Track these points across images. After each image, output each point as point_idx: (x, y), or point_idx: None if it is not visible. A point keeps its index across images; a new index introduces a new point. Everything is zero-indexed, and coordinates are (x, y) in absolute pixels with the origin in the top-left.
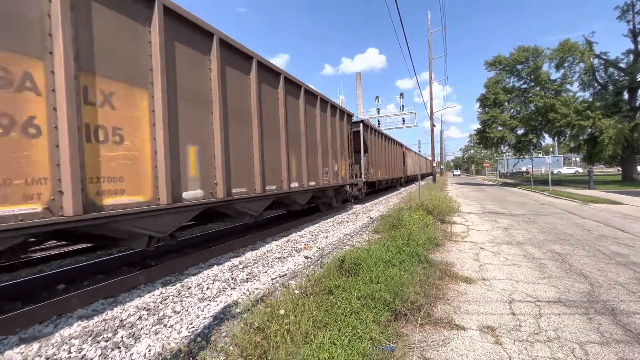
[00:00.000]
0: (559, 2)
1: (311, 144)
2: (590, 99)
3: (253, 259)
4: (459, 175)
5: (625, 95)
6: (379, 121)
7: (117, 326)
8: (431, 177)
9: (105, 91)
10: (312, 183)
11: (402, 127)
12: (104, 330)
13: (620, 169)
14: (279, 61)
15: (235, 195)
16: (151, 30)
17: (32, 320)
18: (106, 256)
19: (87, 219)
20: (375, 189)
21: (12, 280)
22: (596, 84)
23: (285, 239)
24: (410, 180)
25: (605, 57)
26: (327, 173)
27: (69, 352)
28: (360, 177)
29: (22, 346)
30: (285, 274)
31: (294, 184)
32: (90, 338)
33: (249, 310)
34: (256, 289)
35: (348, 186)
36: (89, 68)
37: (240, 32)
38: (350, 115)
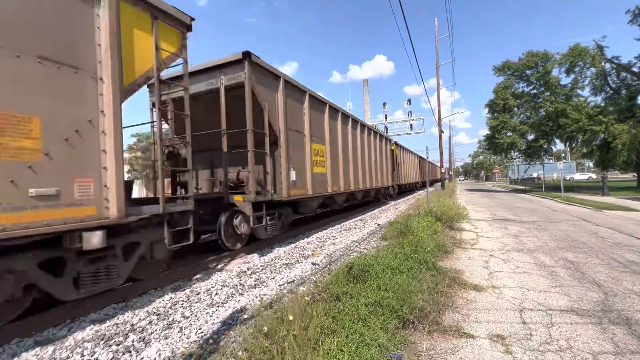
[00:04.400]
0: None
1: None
2: (603, 104)
3: (261, 265)
4: (463, 180)
5: (639, 100)
6: (386, 127)
7: (128, 330)
8: (439, 183)
9: None
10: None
11: (409, 134)
12: (116, 334)
13: (635, 174)
14: (288, 69)
15: None
16: None
17: (47, 323)
18: None
19: None
20: (310, 213)
21: None
22: (608, 89)
23: (292, 245)
24: (407, 190)
25: (617, 62)
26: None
27: (82, 355)
28: (256, 191)
29: (38, 349)
30: (293, 281)
31: None
32: (103, 342)
33: (257, 315)
34: (264, 295)
35: (165, 221)
36: None
37: (251, 41)
38: (165, 13)
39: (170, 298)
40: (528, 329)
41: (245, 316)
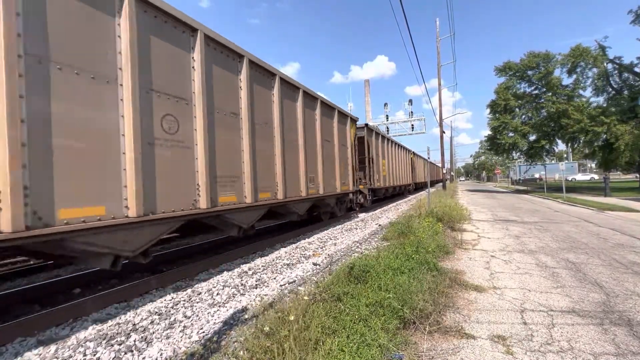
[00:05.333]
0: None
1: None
2: (605, 105)
3: (262, 266)
4: (465, 180)
5: None
6: (387, 128)
7: (130, 330)
8: (441, 184)
9: None
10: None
11: (411, 134)
12: (118, 333)
13: (637, 175)
14: (289, 69)
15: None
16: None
17: (49, 323)
18: None
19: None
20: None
21: (30, 284)
22: (610, 89)
23: (294, 245)
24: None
25: (619, 62)
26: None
27: (84, 355)
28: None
29: (40, 348)
30: (294, 281)
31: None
32: (105, 341)
33: (258, 315)
34: (265, 295)
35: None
36: None
37: (252, 42)
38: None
39: (172, 298)
40: (529, 329)
41: (247, 316)
